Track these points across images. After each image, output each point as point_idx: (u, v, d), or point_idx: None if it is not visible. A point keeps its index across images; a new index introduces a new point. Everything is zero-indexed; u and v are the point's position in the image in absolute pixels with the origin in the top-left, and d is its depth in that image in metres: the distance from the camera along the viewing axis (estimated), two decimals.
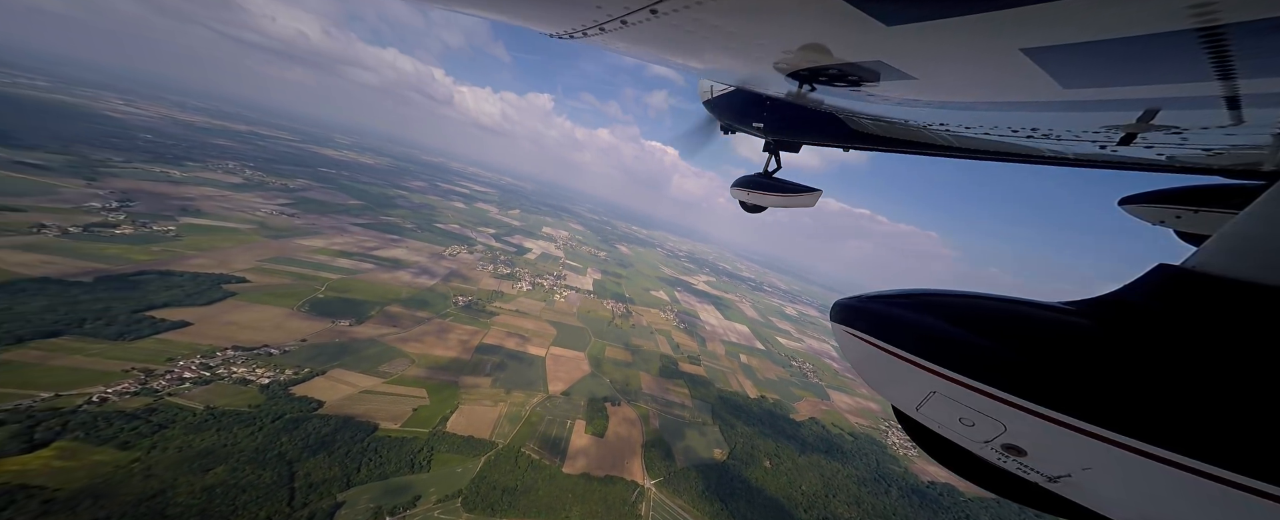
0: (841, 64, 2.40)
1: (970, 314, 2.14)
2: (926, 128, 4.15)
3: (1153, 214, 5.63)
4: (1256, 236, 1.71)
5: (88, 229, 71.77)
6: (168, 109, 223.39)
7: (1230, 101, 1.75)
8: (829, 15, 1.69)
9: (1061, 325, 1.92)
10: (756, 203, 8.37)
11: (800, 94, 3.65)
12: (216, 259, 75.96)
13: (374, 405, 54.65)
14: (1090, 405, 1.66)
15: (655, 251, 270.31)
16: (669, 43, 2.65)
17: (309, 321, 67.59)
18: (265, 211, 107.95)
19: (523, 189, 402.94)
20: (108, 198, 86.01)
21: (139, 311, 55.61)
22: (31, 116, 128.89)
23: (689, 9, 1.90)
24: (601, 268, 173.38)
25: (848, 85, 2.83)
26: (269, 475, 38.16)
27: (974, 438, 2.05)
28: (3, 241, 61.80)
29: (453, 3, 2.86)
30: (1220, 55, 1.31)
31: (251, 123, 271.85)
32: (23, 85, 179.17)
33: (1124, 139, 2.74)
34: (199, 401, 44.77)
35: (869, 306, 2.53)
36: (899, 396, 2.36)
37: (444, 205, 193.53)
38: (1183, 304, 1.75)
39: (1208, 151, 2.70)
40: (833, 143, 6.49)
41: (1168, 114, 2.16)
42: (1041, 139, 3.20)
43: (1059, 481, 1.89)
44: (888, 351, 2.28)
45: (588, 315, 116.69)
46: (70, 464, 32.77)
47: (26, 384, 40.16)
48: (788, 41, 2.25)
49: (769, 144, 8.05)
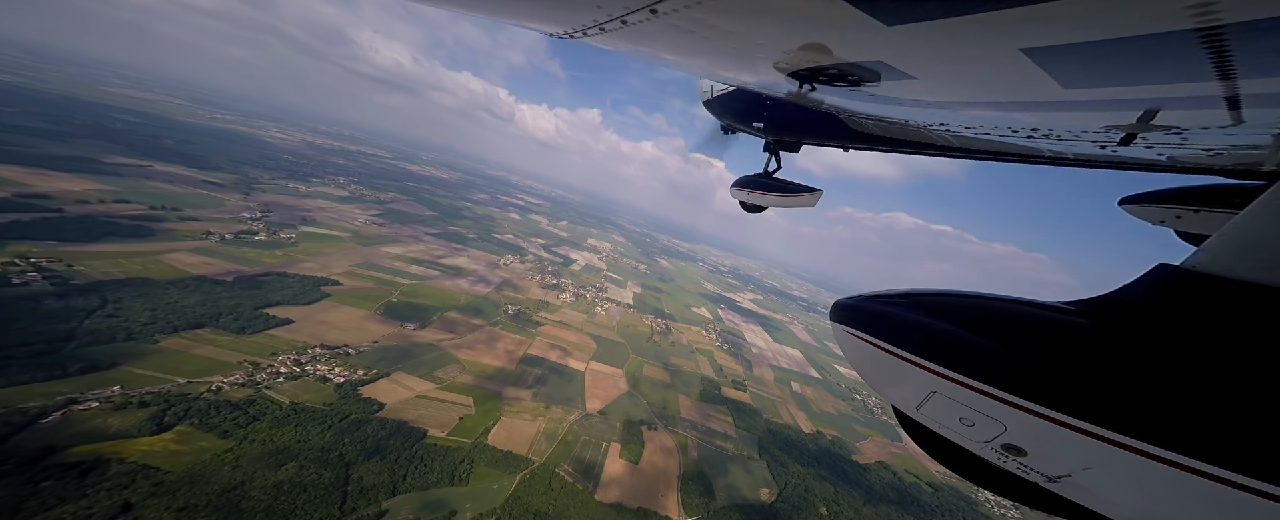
0: (841, 64, 2.32)
1: (970, 314, 2.10)
2: (927, 128, 3.99)
3: (1153, 214, 5.42)
4: (1256, 236, 1.69)
5: (237, 235, 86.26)
6: (304, 134, 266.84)
7: (1230, 101, 1.69)
8: (829, 15, 1.67)
9: (1062, 325, 1.89)
10: (756, 202, 8.12)
11: (800, 94, 3.49)
12: (320, 264, 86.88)
13: (426, 411, 57.29)
14: (1090, 405, 1.63)
15: (697, 266, 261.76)
16: (669, 43, 2.58)
17: (382, 324, 73.93)
18: (360, 221, 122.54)
19: (571, 201, 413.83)
20: (254, 209, 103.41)
21: (258, 309, 64.60)
22: (217, 144, 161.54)
23: (689, 9, 1.85)
24: (641, 281, 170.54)
25: (848, 85, 2.73)
26: (329, 476, 40.77)
27: (974, 438, 2.02)
28: (182, 246, 76.14)
29: (453, 3, 2.73)
30: (1220, 55, 1.28)
31: (360, 143, 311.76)
32: (217, 119, 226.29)
33: (1124, 139, 2.64)
34: (287, 396, 49.93)
35: (869, 306, 2.47)
36: (899, 396, 2.31)
37: (502, 216, 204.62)
38: (1183, 304, 1.73)
39: (1208, 151, 2.61)
40: (833, 143, 6.23)
41: (1168, 114, 2.09)
42: (1041, 139, 3.07)
43: (1059, 481, 1.86)
44: (888, 351, 2.23)
45: (627, 330, 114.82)
46: (182, 448, 37.58)
47: (171, 370, 47.69)
48: (788, 41, 2.19)
49: (769, 144, 7.81)
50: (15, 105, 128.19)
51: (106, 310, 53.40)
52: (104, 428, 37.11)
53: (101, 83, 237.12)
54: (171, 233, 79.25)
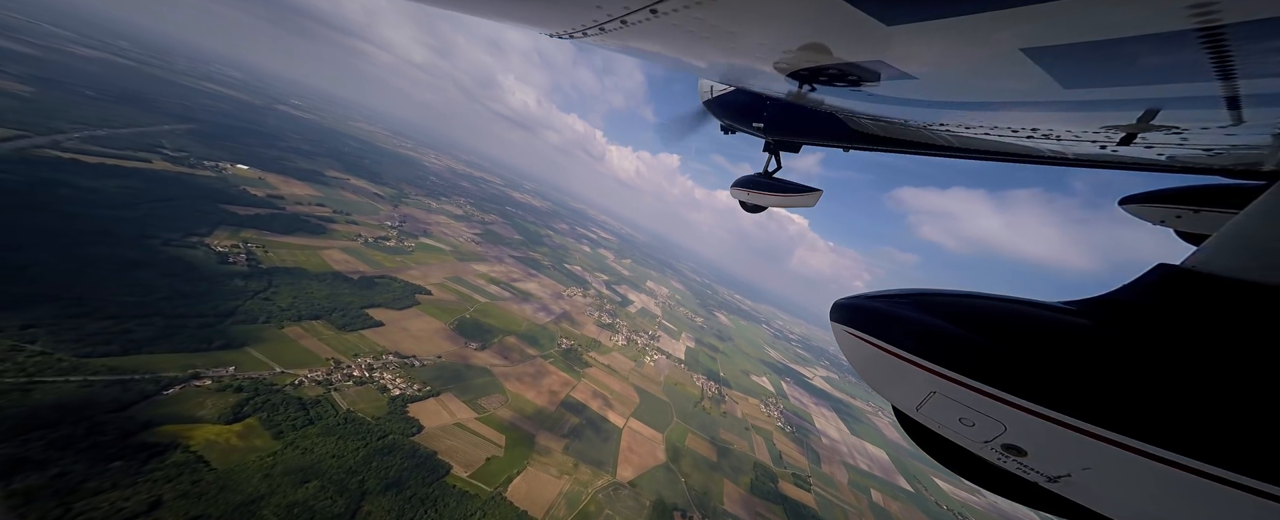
0: (841, 64, 2.28)
1: (970, 313, 2.04)
2: (926, 128, 3.91)
3: (1153, 214, 5.19)
4: (1256, 236, 1.65)
5: (376, 240, 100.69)
6: (450, 160, 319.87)
7: (1230, 101, 1.66)
8: (829, 15, 1.64)
9: (1062, 325, 1.84)
10: (756, 202, 7.88)
11: (800, 94, 3.45)
12: (422, 273, 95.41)
13: (457, 443, 53.29)
14: (1090, 405, 1.58)
15: (761, 328, 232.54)
16: (669, 43, 2.53)
17: (450, 339, 75.29)
18: (464, 238, 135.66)
19: (637, 240, 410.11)
20: (395, 219, 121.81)
21: (363, 308, 70.84)
22: (392, 164, 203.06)
23: (689, 9, 1.83)
24: (696, 335, 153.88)
25: (848, 85, 2.68)
26: (340, 506, 37.61)
27: (974, 438, 1.97)
28: (337, 244, 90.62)
29: (452, 4, 2.67)
30: (1220, 55, 1.25)
31: (483, 170, 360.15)
32: (401, 146, 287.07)
33: (1124, 139, 2.57)
34: (347, 401, 50.49)
35: (869, 305, 2.39)
36: (899, 396, 2.24)
37: (575, 247, 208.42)
38: (1183, 304, 1.68)
39: (1208, 151, 2.53)
40: (833, 143, 6.05)
41: (1168, 114, 2.04)
42: (1041, 139, 3.00)
43: (1059, 481, 1.80)
44: (888, 351, 2.16)
45: (674, 388, 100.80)
46: (238, 444, 38.11)
47: (275, 357, 52.14)
48: (788, 41, 2.15)
49: (769, 144, 7.55)
50: (298, 133, 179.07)
51: (265, 293, 62.76)
52: (195, 409, 39.79)
53: (350, 118, 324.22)
54: (336, 232, 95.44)
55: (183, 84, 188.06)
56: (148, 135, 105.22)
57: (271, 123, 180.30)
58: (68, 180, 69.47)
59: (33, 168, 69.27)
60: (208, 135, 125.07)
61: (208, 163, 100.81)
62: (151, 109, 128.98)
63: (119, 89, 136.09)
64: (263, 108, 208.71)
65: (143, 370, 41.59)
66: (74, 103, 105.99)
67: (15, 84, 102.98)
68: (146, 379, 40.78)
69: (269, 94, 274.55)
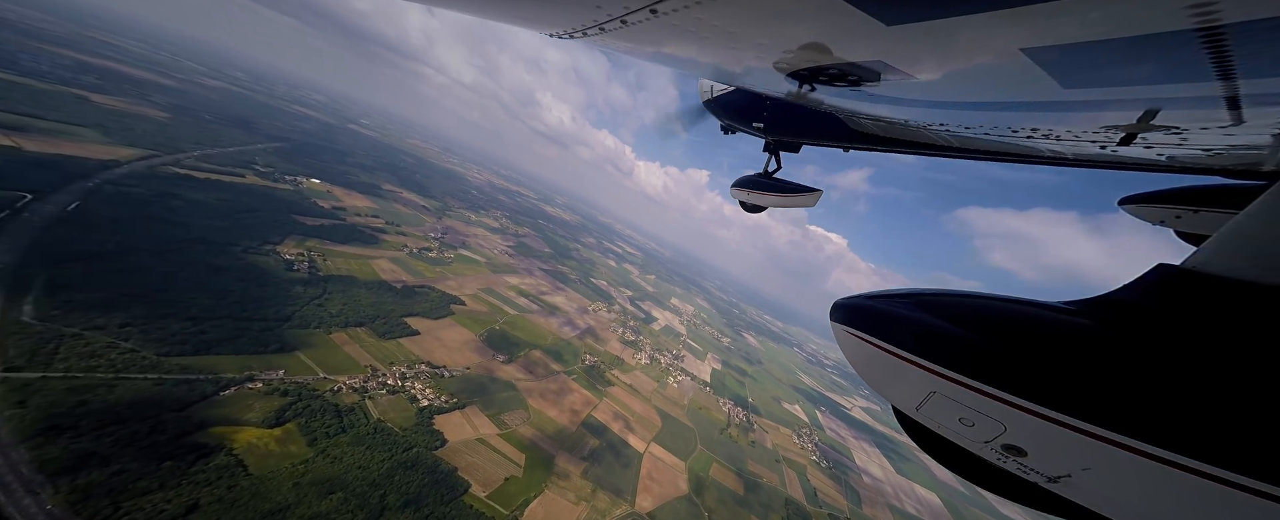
0: (842, 64, 2.27)
1: (970, 313, 2.03)
2: (926, 128, 3.91)
3: (1153, 214, 5.20)
4: (1256, 236, 1.64)
5: (419, 251, 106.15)
6: (490, 175, 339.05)
7: (1230, 101, 1.65)
8: (829, 15, 1.63)
9: (1062, 325, 1.82)
10: (756, 202, 7.83)
11: (800, 94, 3.43)
12: (458, 284, 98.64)
13: (478, 460, 52.47)
14: (1090, 405, 1.58)
15: (793, 353, 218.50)
16: (669, 43, 2.53)
17: (479, 351, 76.13)
18: (498, 251, 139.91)
19: (662, 255, 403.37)
20: (438, 231, 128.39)
21: (402, 316, 73.71)
22: (440, 179, 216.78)
23: (689, 9, 1.83)
24: (723, 357, 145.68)
25: (848, 85, 2.67)
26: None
27: (974, 438, 1.96)
28: (386, 254, 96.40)
29: (451, 3, 2.67)
30: (1220, 55, 1.24)
31: (519, 184, 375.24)
32: (447, 161, 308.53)
33: (1124, 139, 2.56)
34: (378, 410, 51.51)
35: (869, 305, 2.38)
36: (899, 396, 2.23)
37: (601, 262, 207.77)
38: (1183, 304, 1.68)
39: (1208, 151, 2.52)
40: (833, 143, 6.05)
41: (1168, 114, 2.03)
42: (1041, 139, 2.98)
43: (1059, 481, 1.80)
44: (888, 351, 2.15)
45: (699, 413, 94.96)
46: (276, 449, 39.33)
47: (320, 362, 54.71)
48: (788, 41, 2.14)
49: (769, 144, 7.53)
50: (363, 150, 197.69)
51: (319, 300, 67.06)
52: (243, 411, 41.85)
53: (407, 136, 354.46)
54: (386, 243, 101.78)
55: (278, 107, 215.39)
56: (246, 153, 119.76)
57: (343, 140, 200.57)
58: (180, 193, 79.60)
59: (157, 182, 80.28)
60: (292, 152, 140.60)
61: (288, 177, 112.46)
62: (252, 130, 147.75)
63: (230, 113, 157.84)
64: (337, 127, 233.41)
65: (208, 370, 44.85)
66: (196, 126, 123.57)
67: (156, 110, 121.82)
68: (209, 379, 43.85)
69: (343, 114, 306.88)
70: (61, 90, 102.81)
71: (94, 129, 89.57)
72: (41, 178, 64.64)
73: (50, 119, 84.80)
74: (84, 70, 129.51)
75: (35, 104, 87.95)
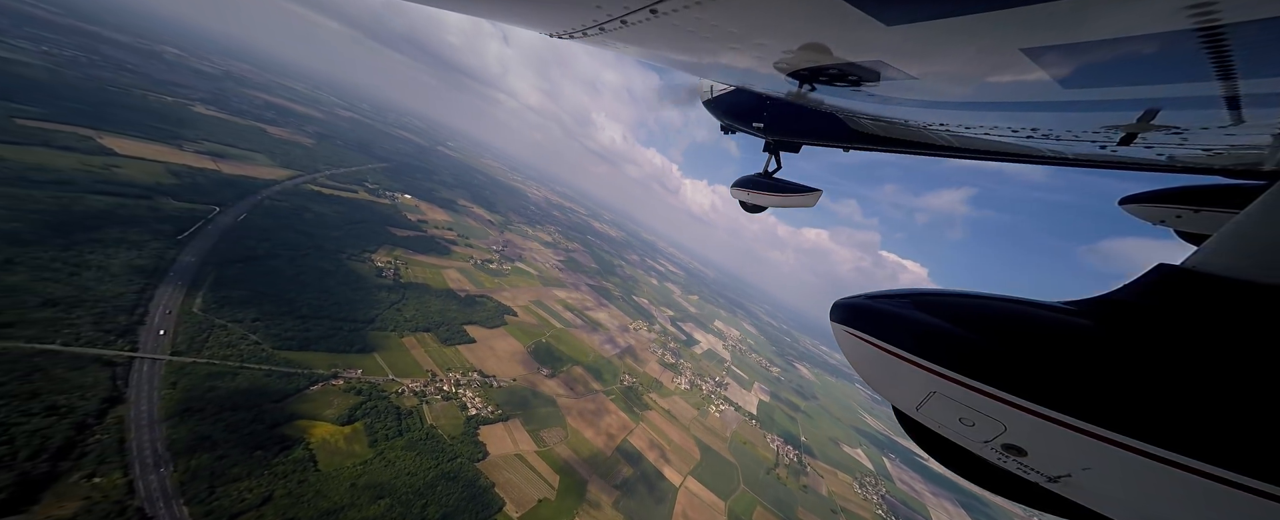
0: (841, 64, 2.28)
1: (970, 313, 2.02)
2: (926, 128, 3.92)
3: (1153, 214, 5.19)
4: (1256, 236, 1.63)
5: (483, 263, 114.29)
6: (547, 192, 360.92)
7: (1230, 101, 1.65)
8: (829, 15, 1.63)
9: (1062, 325, 1.81)
10: (756, 202, 7.78)
11: (800, 94, 3.45)
12: (512, 295, 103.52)
13: (515, 477, 52.32)
14: (1090, 405, 1.57)
15: (855, 390, 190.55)
16: (669, 43, 2.55)
17: (525, 363, 77.87)
18: (549, 265, 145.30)
19: (705, 275, 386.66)
20: (500, 244, 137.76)
21: (462, 324, 78.66)
22: (504, 195, 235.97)
23: (689, 9, 1.83)
24: (772, 388, 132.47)
25: (848, 85, 2.68)
26: None
27: (974, 438, 1.95)
28: (455, 265, 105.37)
29: (450, 3, 2.67)
30: (1220, 55, 1.24)
31: (573, 201, 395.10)
32: (512, 179, 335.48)
33: (1124, 139, 2.56)
34: (432, 416, 54.27)
35: (869, 305, 2.37)
36: (899, 396, 2.22)
37: (644, 279, 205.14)
38: (1183, 304, 1.67)
39: (1208, 151, 2.52)
40: (833, 143, 6.09)
41: (1168, 114, 2.02)
42: (1041, 139, 2.99)
43: (1059, 481, 1.79)
44: (888, 351, 2.14)
45: (742, 448, 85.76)
46: (343, 447, 42.67)
47: (391, 364, 59.80)
48: (788, 41, 2.14)
49: (769, 144, 7.52)
50: (447, 168, 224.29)
51: (398, 305, 74.49)
52: (323, 407, 46.45)
53: (481, 156, 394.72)
54: (456, 254, 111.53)
55: (388, 132, 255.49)
56: (360, 172, 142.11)
57: (433, 160, 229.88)
58: (311, 206, 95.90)
59: (298, 197, 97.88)
60: (393, 171, 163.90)
61: (388, 193, 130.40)
62: (367, 152, 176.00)
63: (354, 139, 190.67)
64: (428, 149, 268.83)
65: (305, 365, 51.28)
66: (330, 150, 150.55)
67: (306, 138, 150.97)
68: (303, 374, 49.99)
69: (433, 137, 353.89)
70: (251, 124, 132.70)
71: (265, 154, 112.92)
72: (228, 194, 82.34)
73: (240, 147, 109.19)
74: (267, 108, 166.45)
75: (233, 136, 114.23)
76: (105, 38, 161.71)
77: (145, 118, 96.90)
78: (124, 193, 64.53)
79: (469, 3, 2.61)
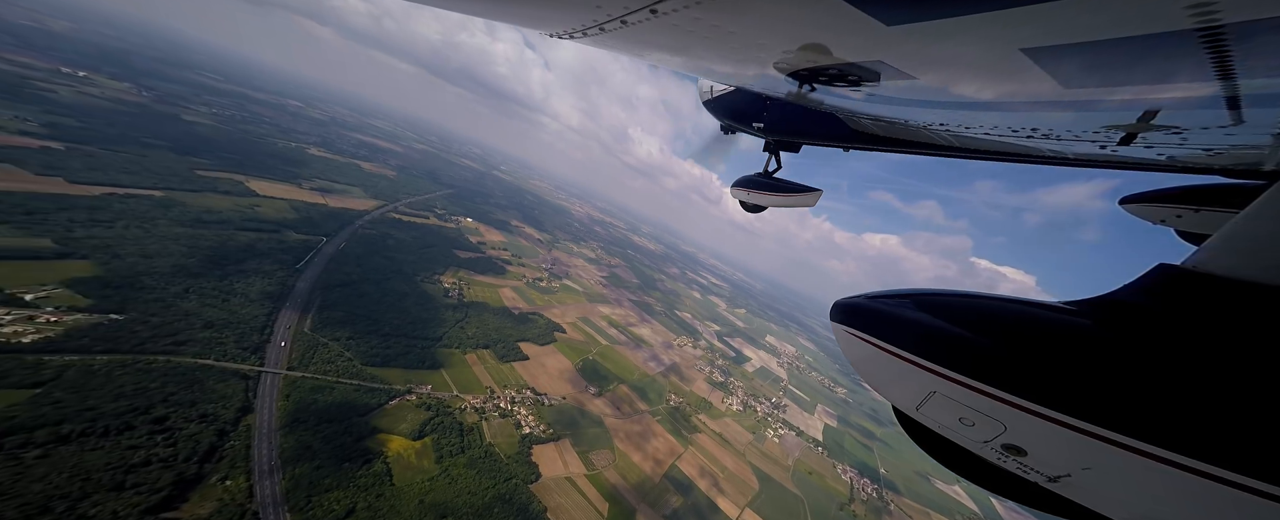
0: (841, 64, 2.27)
1: (971, 314, 2.01)
2: (926, 128, 3.87)
3: (1153, 214, 5.11)
4: (1256, 236, 1.63)
5: (533, 281, 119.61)
6: (589, 209, 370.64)
7: (1230, 101, 1.64)
8: (829, 15, 1.62)
9: (1062, 325, 1.80)
10: (756, 202, 7.69)
11: (800, 94, 3.45)
12: (561, 312, 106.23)
13: (566, 502, 51.84)
14: (1090, 405, 1.56)
15: None
16: (669, 43, 2.53)
17: (573, 381, 78.47)
18: (594, 281, 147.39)
19: (752, 287, 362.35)
20: (549, 262, 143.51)
21: (516, 341, 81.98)
22: (551, 214, 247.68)
23: (689, 9, 1.81)
24: (839, 411, 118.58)
25: (848, 85, 2.68)
26: None
27: (974, 438, 1.95)
28: (510, 283, 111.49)
29: (453, 4, 2.68)
30: (1220, 55, 1.23)
31: (612, 215, 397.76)
32: (557, 197, 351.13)
33: (1124, 139, 2.54)
34: (491, 433, 56.27)
35: (870, 306, 2.37)
36: (899, 396, 2.22)
37: (686, 293, 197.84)
38: (1183, 304, 1.66)
39: (1208, 151, 2.50)
40: (833, 143, 5.95)
41: (1168, 114, 2.01)
42: (1041, 139, 2.97)
43: (1059, 481, 1.78)
44: (888, 351, 2.14)
45: (807, 479, 77.11)
46: (414, 462, 45.45)
47: (456, 380, 63.64)
48: (788, 41, 2.14)
49: (769, 144, 7.47)
50: (501, 191, 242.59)
51: (462, 323, 79.96)
52: (398, 422, 50.20)
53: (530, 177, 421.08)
54: (511, 273, 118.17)
55: (452, 160, 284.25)
56: (431, 200, 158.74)
57: (489, 184, 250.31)
58: (393, 234, 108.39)
59: (383, 225, 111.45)
60: (457, 197, 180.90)
61: (453, 217, 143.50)
62: (437, 180, 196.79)
63: (426, 169, 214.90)
64: (485, 174, 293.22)
65: (385, 381, 56.37)
66: (408, 181, 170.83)
67: (390, 171, 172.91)
68: (384, 389, 54.88)
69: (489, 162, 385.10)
70: (349, 161, 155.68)
71: (360, 188, 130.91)
72: (333, 225, 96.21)
73: (342, 182, 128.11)
74: (360, 146, 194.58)
75: (335, 173, 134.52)
76: (252, 97, 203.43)
77: (277, 162, 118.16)
78: (261, 228, 78.22)
79: (470, 3, 2.54)
